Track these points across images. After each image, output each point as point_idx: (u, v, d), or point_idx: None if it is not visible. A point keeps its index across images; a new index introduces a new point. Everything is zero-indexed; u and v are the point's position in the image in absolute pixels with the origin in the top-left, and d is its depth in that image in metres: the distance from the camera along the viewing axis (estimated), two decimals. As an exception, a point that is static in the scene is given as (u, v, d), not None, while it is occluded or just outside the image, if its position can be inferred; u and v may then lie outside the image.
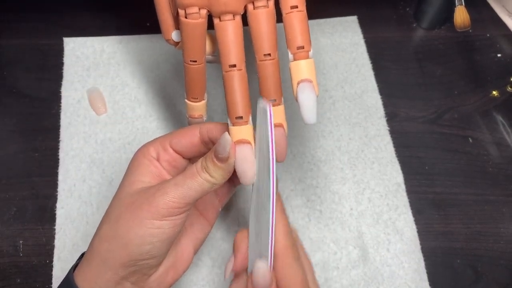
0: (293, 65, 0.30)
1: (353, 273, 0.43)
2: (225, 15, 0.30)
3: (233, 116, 0.30)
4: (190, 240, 0.35)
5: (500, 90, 0.54)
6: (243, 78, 0.31)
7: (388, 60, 0.55)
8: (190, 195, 0.30)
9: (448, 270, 0.44)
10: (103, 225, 0.31)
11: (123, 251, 0.30)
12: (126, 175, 0.33)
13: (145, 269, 0.31)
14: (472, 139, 0.51)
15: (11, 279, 0.42)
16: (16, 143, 0.48)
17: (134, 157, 0.33)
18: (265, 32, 0.30)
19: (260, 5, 0.30)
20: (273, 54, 0.30)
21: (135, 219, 0.30)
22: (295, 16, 0.30)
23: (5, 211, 0.45)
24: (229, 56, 0.30)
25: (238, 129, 0.30)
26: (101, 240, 0.31)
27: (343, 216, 0.46)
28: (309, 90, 0.29)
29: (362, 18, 0.58)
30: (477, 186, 0.48)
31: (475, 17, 0.56)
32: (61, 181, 0.46)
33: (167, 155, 0.33)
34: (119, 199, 0.32)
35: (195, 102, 0.35)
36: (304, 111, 0.30)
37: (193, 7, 0.30)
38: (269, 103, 0.28)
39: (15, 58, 0.53)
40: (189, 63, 0.33)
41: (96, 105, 0.50)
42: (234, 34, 0.30)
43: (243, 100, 0.30)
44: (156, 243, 0.30)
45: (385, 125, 0.51)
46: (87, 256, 0.32)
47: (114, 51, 0.54)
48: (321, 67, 0.54)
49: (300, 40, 0.30)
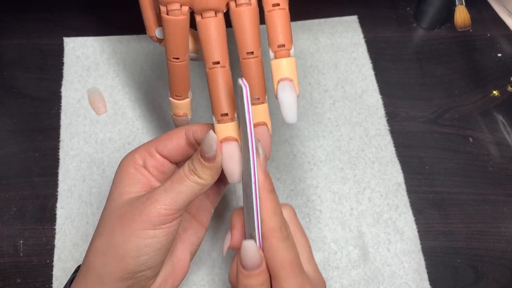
0: (274, 64, 0.30)
1: (353, 273, 0.43)
2: (207, 12, 0.30)
3: (218, 113, 0.30)
4: (186, 246, 0.34)
5: (501, 90, 0.54)
6: (227, 75, 0.30)
7: (388, 60, 0.55)
8: (181, 200, 0.29)
9: (448, 270, 0.44)
10: (96, 238, 0.31)
11: (120, 264, 0.29)
12: (113, 185, 0.32)
13: (143, 281, 0.30)
14: (472, 138, 0.51)
15: (11, 279, 0.42)
16: (16, 143, 0.48)
17: (120, 166, 0.33)
18: (248, 30, 0.30)
19: (242, 3, 0.29)
20: (256, 52, 0.30)
21: (128, 231, 0.29)
22: (277, 14, 0.29)
23: (5, 211, 0.45)
24: (212, 53, 0.30)
25: (224, 126, 0.30)
26: (96, 254, 0.30)
27: (344, 216, 0.46)
28: (289, 89, 0.29)
29: (362, 18, 0.58)
30: (477, 186, 0.48)
31: (476, 17, 0.57)
32: (61, 181, 0.46)
33: (153, 160, 0.33)
34: (109, 212, 0.31)
35: (179, 100, 0.35)
36: (284, 110, 0.29)
37: (175, 4, 0.30)
38: (245, 83, 0.27)
39: (15, 58, 0.53)
40: (172, 60, 0.32)
41: (96, 105, 0.50)
42: (217, 31, 0.30)
43: (227, 97, 0.30)
44: (151, 253, 0.29)
45: (385, 125, 0.51)
46: (82, 271, 0.31)
47: (114, 51, 0.54)
48: (321, 67, 0.54)
49: (281, 38, 0.29)
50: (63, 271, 0.42)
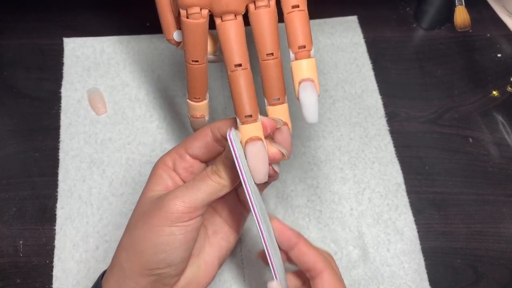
0: (295, 65, 0.30)
1: (353, 273, 0.43)
2: (226, 15, 0.30)
3: (242, 115, 0.30)
4: (215, 250, 0.34)
5: (500, 90, 0.54)
6: (249, 77, 0.31)
7: (388, 60, 0.55)
8: (199, 198, 0.30)
9: (448, 270, 0.44)
10: (123, 234, 0.32)
11: (139, 260, 0.30)
12: (144, 187, 0.33)
13: (165, 278, 0.31)
14: (472, 139, 0.51)
15: (11, 279, 0.42)
16: (16, 143, 0.48)
17: (152, 169, 0.34)
18: (267, 31, 0.30)
19: (261, 5, 0.30)
20: (276, 53, 0.30)
21: (147, 227, 0.30)
22: (297, 15, 0.30)
23: (5, 211, 0.45)
24: (233, 56, 0.30)
25: (249, 127, 0.30)
26: (121, 250, 0.31)
27: (343, 216, 0.46)
28: (311, 89, 0.30)
29: (362, 18, 0.58)
30: (477, 186, 0.48)
31: (475, 17, 0.57)
32: (61, 181, 0.46)
33: (183, 162, 0.33)
34: (136, 210, 0.32)
35: (197, 102, 0.35)
36: (306, 111, 0.30)
37: (195, 7, 0.30)
38: (231, 130, 0.29)
39: (15, 58, 0.53)
40: (191, 63, 0.33)
41: (96, 105, 0.50)
42: (237, 34, 0.30)
43: (250, 99, 0.30)
44: (169, 250, 0.30)
45: (385, 125, 0.51)
46: (110, 264, 0.32)
47: (114, 51, 0.54)
48: (321, 67, 0.54)
49: (301, 39, 0.30)
50: (63, 271, 0.42)
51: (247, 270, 0.43)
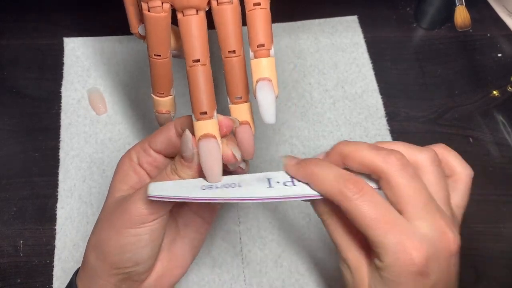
0: (254, 63, 0.29)
1: (354, 273, 0.43)
2: (188, 9, 0.30)
3: (197, 112, 0.30)
4: (186, 242, 0.34)
5: (501, 90, 0.54)
6: (207, 73, 0.30)
7: (388, 60, 0.55)
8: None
9: (448, 270, 0.44)
10: (91, 234, 0.32)
11: (107, 260, 0.30)
12: (111, 183, 0.33)
13: (135, 276, 0.31)
14: (472, 139, 0.51)
15: (11, 279, 0.42)
16: (16, 143, 0.48)
17: (117, 164, 0.33)
18: (229, 28, 0.30)
19: (224, 1, 0.29)
20: (238, 50, 0.30)
21: (112, 229, 0.30)
22: (258, 13, 0.29)
23: (5, 211, 0.45)
24: (192, 51, 0.30)
25: (203, 123, 0.30)
26: (90, 249, 0.32)
27: (344, 216, 0.46)
28: (268, 89, 0.29)
29: (362, 18, 0.58)
30: (477, 186, 0.48)
31: (476, 17, 0.56)
32: (61, 181, 0.46)
33: (147, 156, 0.33)
34: (103, 210, 0.32)
35: (161, 97, 0.35)
36: (262, 110, 0.29)
37: (156, 1, 0.29)
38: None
39: (15, 58, 0.53)
40: (154, 57, 0.32)
41: (96, 105, 0.50)
42: (198, 29, 0.30)
43: (207, 95, 0.30)
44: (135, 250, 0.30)
45: (385, 125, 0.51)
46: (82, 263, 0.32)
47: (114, 51, 0.54)
48: (321, 67, 0.54)
49: (261, 37, 0.29)
50: (63, 271, 0.42)
51: (247, 270, 0.43)
